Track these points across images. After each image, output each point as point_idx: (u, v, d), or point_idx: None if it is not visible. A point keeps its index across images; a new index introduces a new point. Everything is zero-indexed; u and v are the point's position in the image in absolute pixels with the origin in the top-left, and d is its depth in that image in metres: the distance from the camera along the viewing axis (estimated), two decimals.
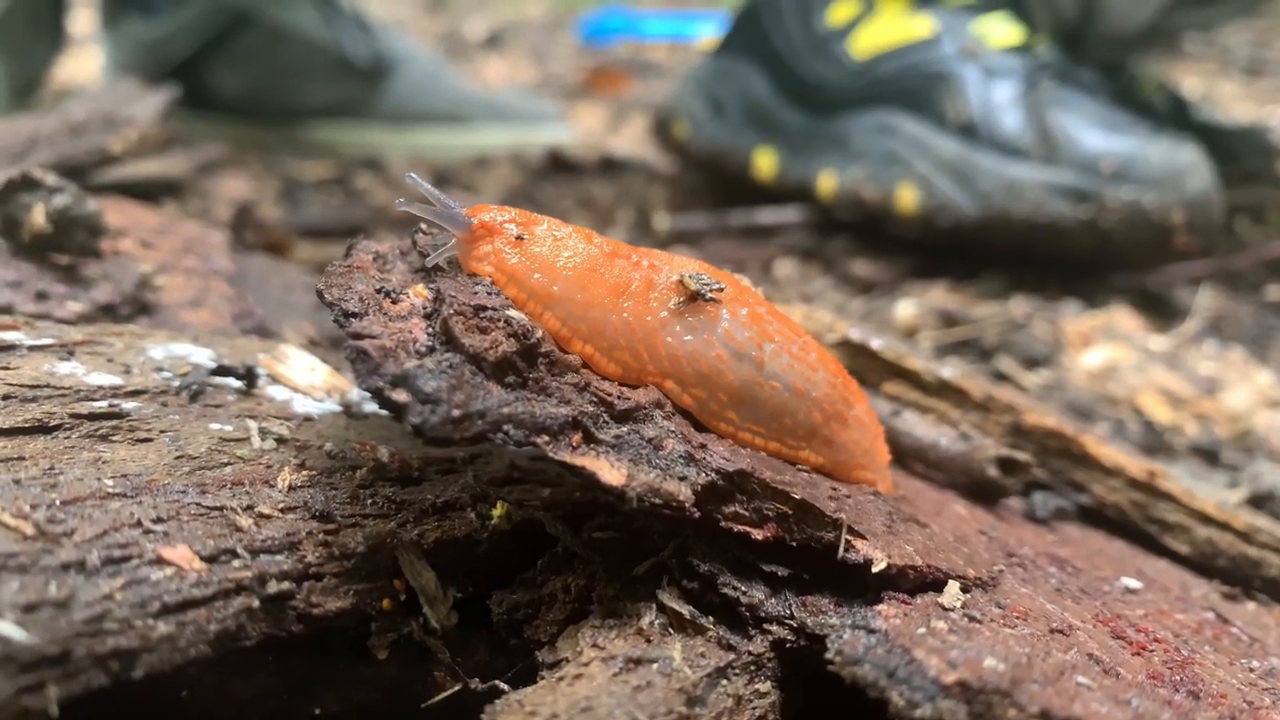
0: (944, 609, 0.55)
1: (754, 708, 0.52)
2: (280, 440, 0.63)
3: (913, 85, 1.58)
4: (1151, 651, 0.58)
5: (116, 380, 0.65)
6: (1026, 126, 1.45)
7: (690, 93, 1.93)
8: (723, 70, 1.89)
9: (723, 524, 0.55)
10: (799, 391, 0.62)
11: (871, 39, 1.65)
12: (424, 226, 0.64)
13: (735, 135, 1.82)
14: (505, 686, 0.53)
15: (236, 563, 0.51)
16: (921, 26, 1.61)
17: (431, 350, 0.54)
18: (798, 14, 1.76)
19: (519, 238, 0.60)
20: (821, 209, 1.66)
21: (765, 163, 1.74)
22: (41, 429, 0.58)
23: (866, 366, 0.91)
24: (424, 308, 0.58)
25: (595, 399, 0.56)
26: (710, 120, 1.87)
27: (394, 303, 0.58)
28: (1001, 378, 1.24)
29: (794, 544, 0.57)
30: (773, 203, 1.71)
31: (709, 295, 0.60)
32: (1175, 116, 1.70)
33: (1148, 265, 1.50)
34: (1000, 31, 1.57)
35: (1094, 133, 1.42)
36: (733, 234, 1.66)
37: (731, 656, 0.53)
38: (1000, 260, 1.50)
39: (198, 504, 0.54)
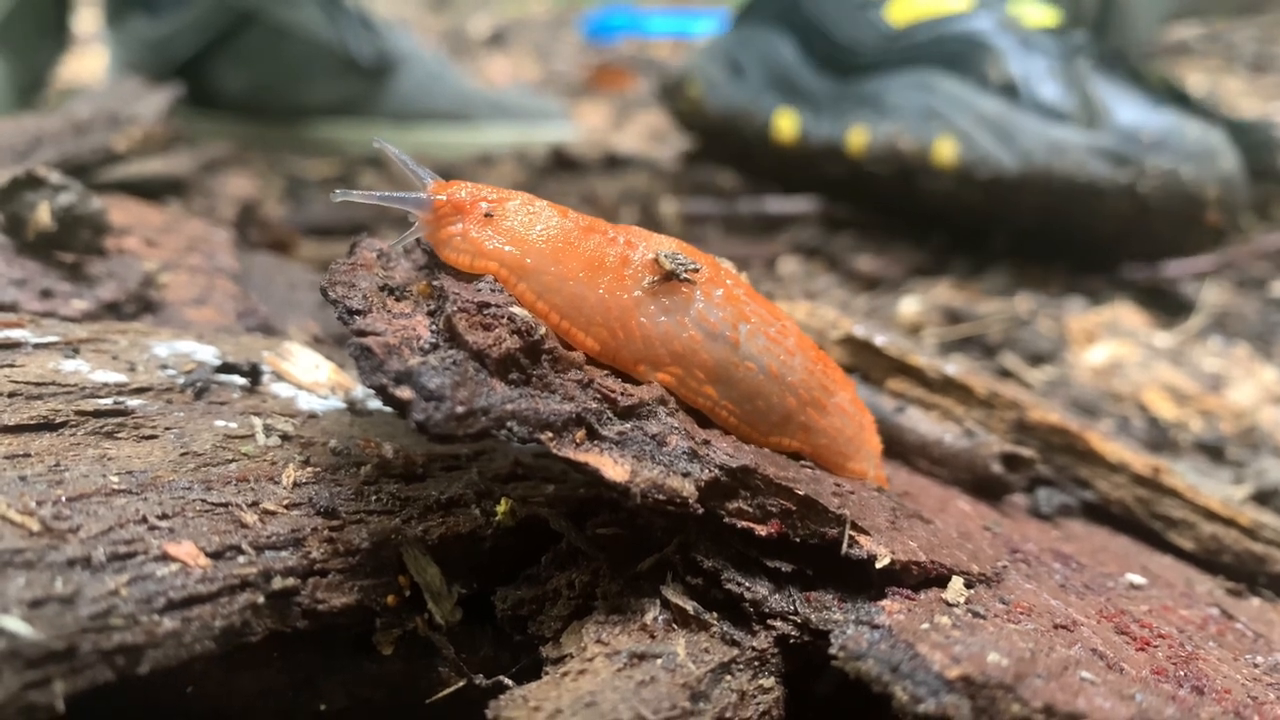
0: (948, 604, 0.55)
1: (758, 703, 0.52)
2: (285, 437, 0.63)
3: (952, 50, 1.58)
4: (1156, 647, 0.58)
5: (121, 378, 0.65)
6: (1068, 94, 1.47)
7: (707, 58, 1.90)
8: (745, 37, 1.86)
9: (726, 520, 0.55)
10: (774, 374, 0.62)
11: (908, 9, 1.65)
12: None
13: (754, 97, 1.78)
14: (510, 682, 0.53)
15: (242, 559, 0.52)
16: (959, 1, 1.62)
17: (435, 347, 0.54)
18: None
19: (488, 215, 0.59)
20: (850, 164, 1.63)
21: (786, 124, 1.71)
22: (47, 426, 0.58)
23: (871, 363, 0.91)
24: (428, 305, 0.58)
25: (599, 395, 0.56)
26: (728, 82, 1.83)
27: (398, 300, 0.58)
28: (1006, 374, 1.24)
29: (798, 540, 0.57)
30: (788, 172, 1.68)
31: (684, 275, 0.59)
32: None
33: (1173, 241, 1.50)
34: (1036, 14, 1.60)
35: (1133, 106, 1.44)
36: (737, 229, 1.66)
37: (735, 652, 0.53)
38: (1005, 255, 1.50)
39: (203, 500, 0.54)
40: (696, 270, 0.60)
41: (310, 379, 0.73)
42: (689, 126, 1.95)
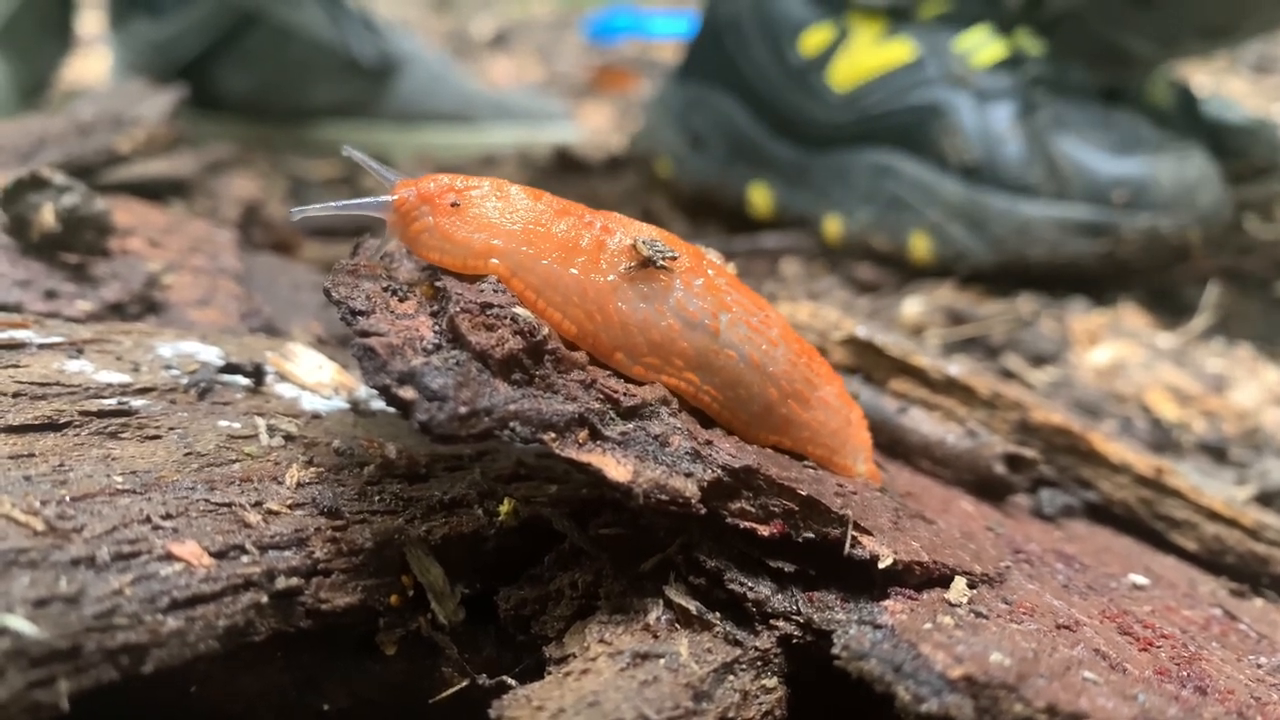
0: (950, 605, 0.55)
1: (760, 703, 0.52)
2: (288, 437, 0.63)
3: (905, 122, 1.51)
4: (1158, 647, 0.58)
5: (125, 378, 0.65)
6: (1031, 159, 1.42)
7: (664, 124, 1.84)
8: (693, 99, 1.79)
9: (729, 520, 0.55)
10: (755, 364, 0.61)
11: (851, 69, 1.58)
12: None
13: (723, 171, 1.73)
14: (513, 682, 0.53)
15: (245, 559, 0.52)
16: (901, 50, 1.54)
17: (438, 348, 0.54)
18: (766, 42, 1.67)
19: (454, 205, 0.58)
20: (828, 249, 1.60)
21: (761, 199, 1.68)
22: (51, 426, 0.58)
23: (873, 363, 0.91)
24: (431, 305, 0.58)
25: (601, 396, 0.56)
26: (692, 155, 1.77)
27: (401, 300, 0.58)
28: (1008, 375, 1.24)
29: (800, 540, 0.57)
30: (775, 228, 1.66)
31: (661, 263, 0.59)
32: (1184, 114, 1.69)
33: (1165, 279, 1.50)
34: (984, 48, 1.52)
35: (1101, 157, 1.39)
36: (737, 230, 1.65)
37: (738, 652, 0.53)
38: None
39: (206, 500, 0.54)
40: (675, 259, 0.59)
41: (314, 379, 0.73)
42: (666, 196, 1.90)
